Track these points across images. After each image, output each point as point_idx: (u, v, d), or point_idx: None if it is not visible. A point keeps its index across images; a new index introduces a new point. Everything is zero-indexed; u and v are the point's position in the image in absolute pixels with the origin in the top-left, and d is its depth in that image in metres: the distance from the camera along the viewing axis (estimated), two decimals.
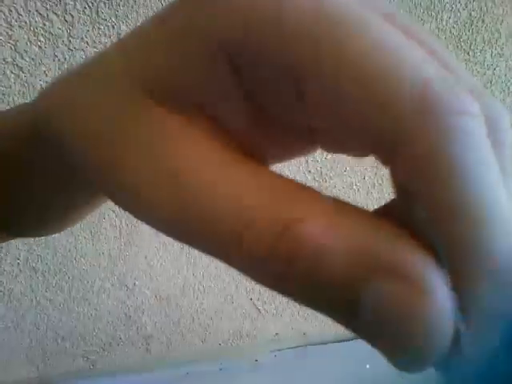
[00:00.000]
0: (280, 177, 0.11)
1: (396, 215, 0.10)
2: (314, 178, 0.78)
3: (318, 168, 0.78)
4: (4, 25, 0.52)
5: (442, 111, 0.09)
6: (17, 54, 0.54)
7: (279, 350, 1.01)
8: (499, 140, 0.10)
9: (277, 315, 0.95)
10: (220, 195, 0.10)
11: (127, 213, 0.12)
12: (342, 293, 0.09)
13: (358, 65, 0.09)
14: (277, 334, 0.99)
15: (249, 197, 0.10)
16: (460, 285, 0.09)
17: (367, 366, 1.03)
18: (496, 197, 0.09)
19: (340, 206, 0.10)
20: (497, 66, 0.75)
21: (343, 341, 1.07)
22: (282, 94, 0.11)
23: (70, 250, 0.73)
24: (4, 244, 0.70)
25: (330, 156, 0.77)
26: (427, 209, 0.09)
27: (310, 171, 0.78)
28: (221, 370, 0.96)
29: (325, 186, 0.80)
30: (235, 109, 0.11)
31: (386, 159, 0.10)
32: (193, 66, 0.11)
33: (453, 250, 0.09)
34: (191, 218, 0.11)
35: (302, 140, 0.12)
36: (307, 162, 0.76)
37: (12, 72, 0.55)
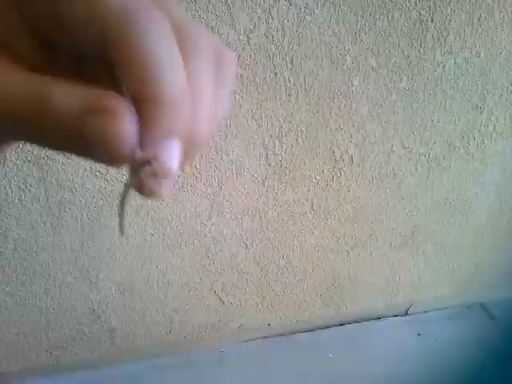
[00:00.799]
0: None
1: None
2: (274, 172, 0.80)
3: (278, 161, 0.80)
4: None
5: (132, 17, 0.14)
6: None
7: (244, 341, 1.03)
8: (191, 45, 0.16)
9: (241, 307, 0.97)
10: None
11: (89, 205, 0.15)
12: (73, 130, 0.14)
13: None
14: (241, 325, 1.01)
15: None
16: (142, 117, 0.14)
17: (330, 355, 1.06)
18: (160, 57, 0.14)
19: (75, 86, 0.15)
20: (446, 62, 0.79)
21: (307, 331, 1.10)
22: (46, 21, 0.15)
23: (30, 244, 0.73)
24: None
25: (289, 150, 0.79)
26: (122, 71, 0.14)
27: (270, 164, 0.80)
28: (187, 361, 0.98)
29: (285, 180, 0.82)
30: (18, 35, 0.16)
31: (106, 54, 0.14)
32: None
33: (135, 92, 0.14)
34: None
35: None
36: (267, 155, 0.78)
37: None
